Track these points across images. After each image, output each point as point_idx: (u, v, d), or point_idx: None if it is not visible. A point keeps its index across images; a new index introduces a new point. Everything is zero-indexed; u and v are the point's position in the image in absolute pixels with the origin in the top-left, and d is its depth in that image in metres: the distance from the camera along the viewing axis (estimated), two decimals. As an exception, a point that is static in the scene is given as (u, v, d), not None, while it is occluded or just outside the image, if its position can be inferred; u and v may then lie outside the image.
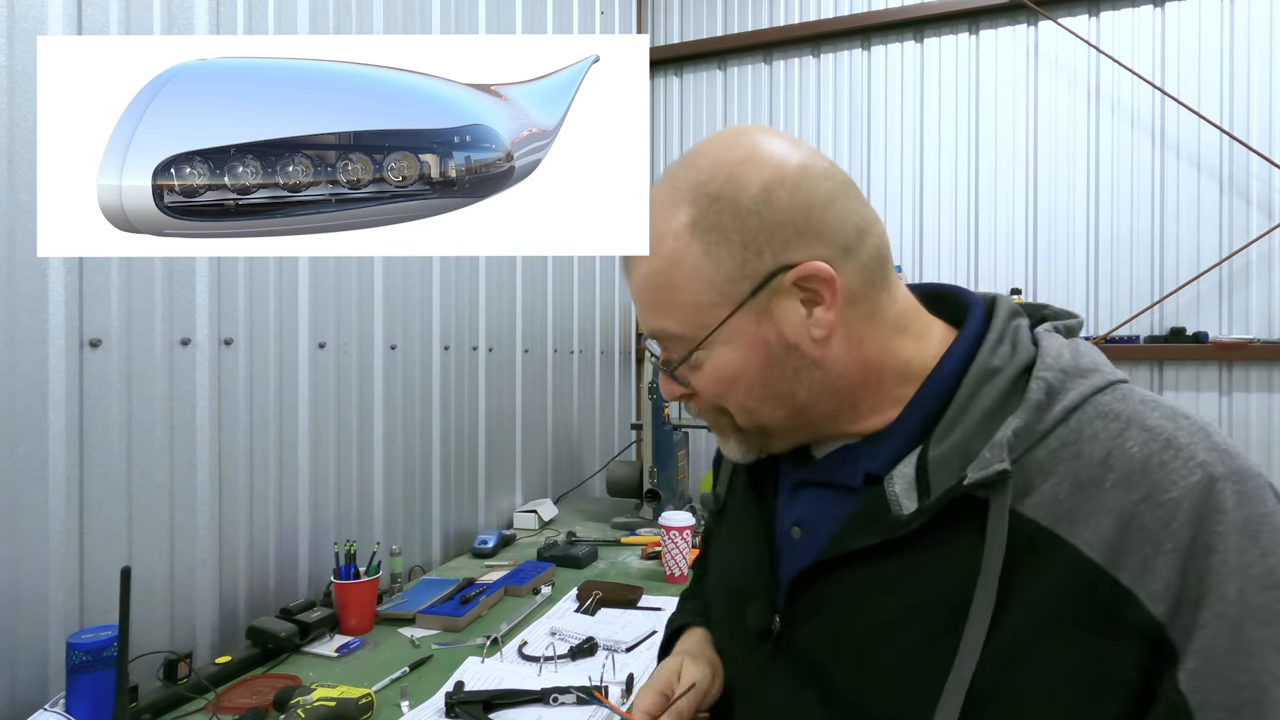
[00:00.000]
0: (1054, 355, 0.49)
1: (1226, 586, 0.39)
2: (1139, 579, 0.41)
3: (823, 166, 0.52)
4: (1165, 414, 0.45)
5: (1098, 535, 0.42)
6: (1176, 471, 0.42)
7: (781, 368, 0.52)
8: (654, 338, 0.57)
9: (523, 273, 2.24)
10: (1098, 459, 0.44)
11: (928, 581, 0.47)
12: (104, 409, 1.09)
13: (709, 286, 0.51)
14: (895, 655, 0.47)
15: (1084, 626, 0.41)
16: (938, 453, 0.48)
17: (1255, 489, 0.42)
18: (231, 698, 1.07)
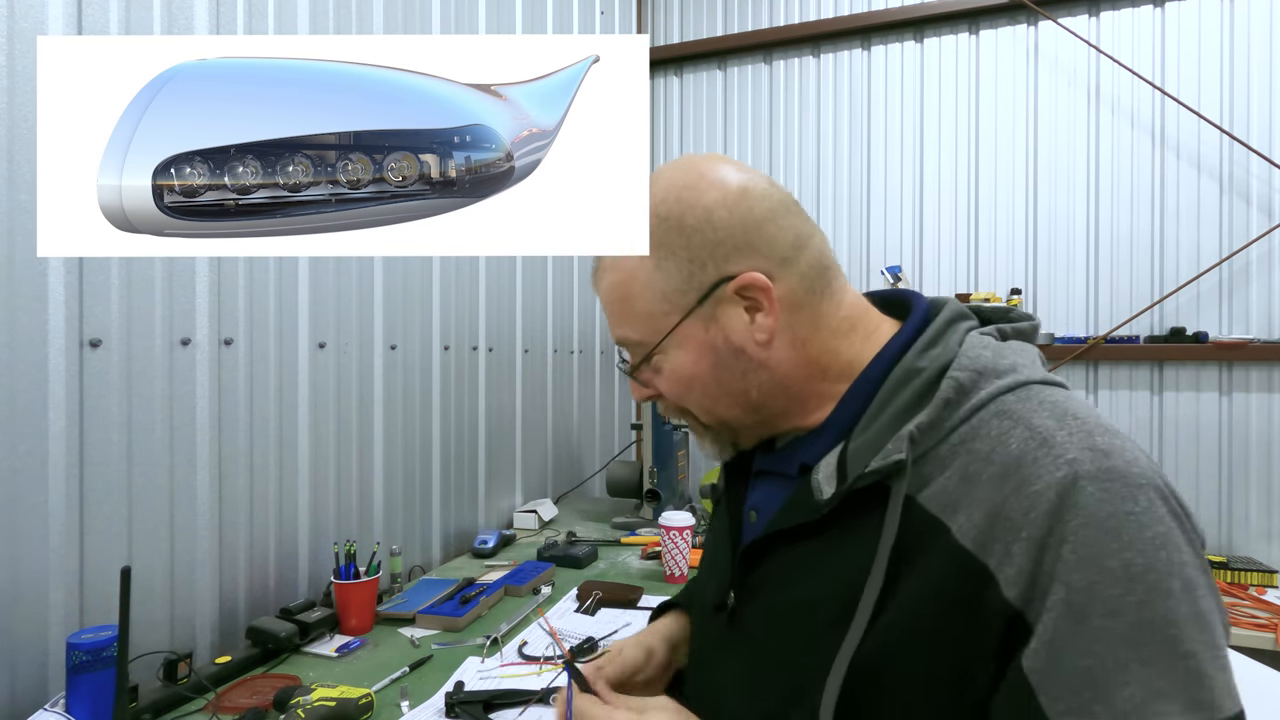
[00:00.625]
0: (971, 357, 0.52)
1: (1074, 576, 0.42)
2: (1000, 565, 0.44)
3: (762, 188, 0.58)
4: (1056, 415, 0.48)
5: (971, 523, 0.46)
6: (1044, 467, 0.45)
7: (730, 369, 0.58)
8: (619, 345, 0.64)
9: (523, 273, 2.24)
10: (983, 454, 0.48)
11: (839, 561, 0.51)
12: (104, 409, 1.09)
13: (660, 297, 0.58)
14: (811, 629, 0.52)
15: (957, 606, 0.45)
16: (855, 445, 0.52)
17: (1123, 489, 0.43)
18: (231, 698, 1.07)
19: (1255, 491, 2.22)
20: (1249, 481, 2.23)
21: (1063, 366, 2.43)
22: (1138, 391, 2.37)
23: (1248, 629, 1.74)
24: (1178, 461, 2.31)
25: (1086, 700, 0.41)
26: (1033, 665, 0.42)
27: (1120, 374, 2.39)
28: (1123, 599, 0.41)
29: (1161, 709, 0.40)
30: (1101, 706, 0.40)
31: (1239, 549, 2.23)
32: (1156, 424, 2.34)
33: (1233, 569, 2.02)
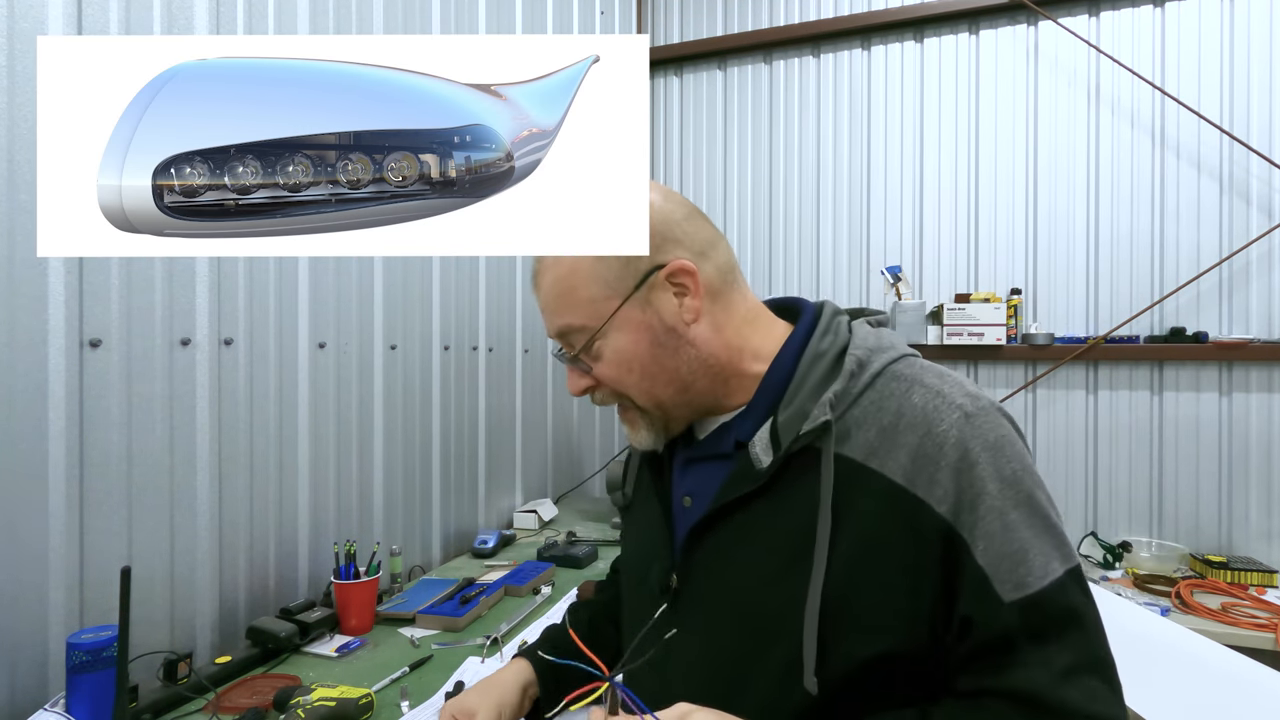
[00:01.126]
0: (861, 339, 0.65)
1: (989, 486, 0.56)
2: (929, 491, 0.56)
3: (678, 199, 0.69)
4: (935, 375, 0.63)
5: (898, 464, 0.58)
6: (943, 411, 0.59)
7: (664, 347, 0.66)
8: (560, 335, 0.69)
9: (523, 273, 2.24)
10: (893, 410, 0.60)
11: (786, 517, 0.61)
12: (104, 409, 1.09)
13: (602, 284, 0.65)
14: (768, 576, 0.61)
15: (898, 529, 0.57)
16: (784, 417, 0.62)
17: (995, 420, 0.59)
18: (231, 698, 1.07)
19: (1255, 491, 2.22)
20: (1249, 481, 2.23)
21: (1063, 366, 2.43)
22: (1138, 391, 2.37)
23: (1248, 629, 1.74)
24: (1178, 461, 2.31)
25: (1021, 575, 0.55)
26: (984, 561, 0.55)
27: (1120, 374, 2.39)
28: (1018, 495, 0.56)
29: (1054, 566, 0.56)
30: (1030, 577, 0.55)
31: (1239, 549, 2.23)
32: (1156, 424, 2.34)
33: (1233, 569, 2.02)
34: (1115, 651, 0.58)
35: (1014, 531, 0.56)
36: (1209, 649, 1.25)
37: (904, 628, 0.57)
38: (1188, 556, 2.15)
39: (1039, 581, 0.55)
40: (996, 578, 0.55)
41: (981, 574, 0.55)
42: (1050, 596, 0.55)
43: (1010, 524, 0.56)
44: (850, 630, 0.57)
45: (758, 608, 0.61)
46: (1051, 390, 2.46)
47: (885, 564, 0.56)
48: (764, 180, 2.86)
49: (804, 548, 0.59)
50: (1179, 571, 2.09)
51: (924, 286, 2.65)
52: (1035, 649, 0.54)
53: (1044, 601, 0.55)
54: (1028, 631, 0.55)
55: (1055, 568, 0.56)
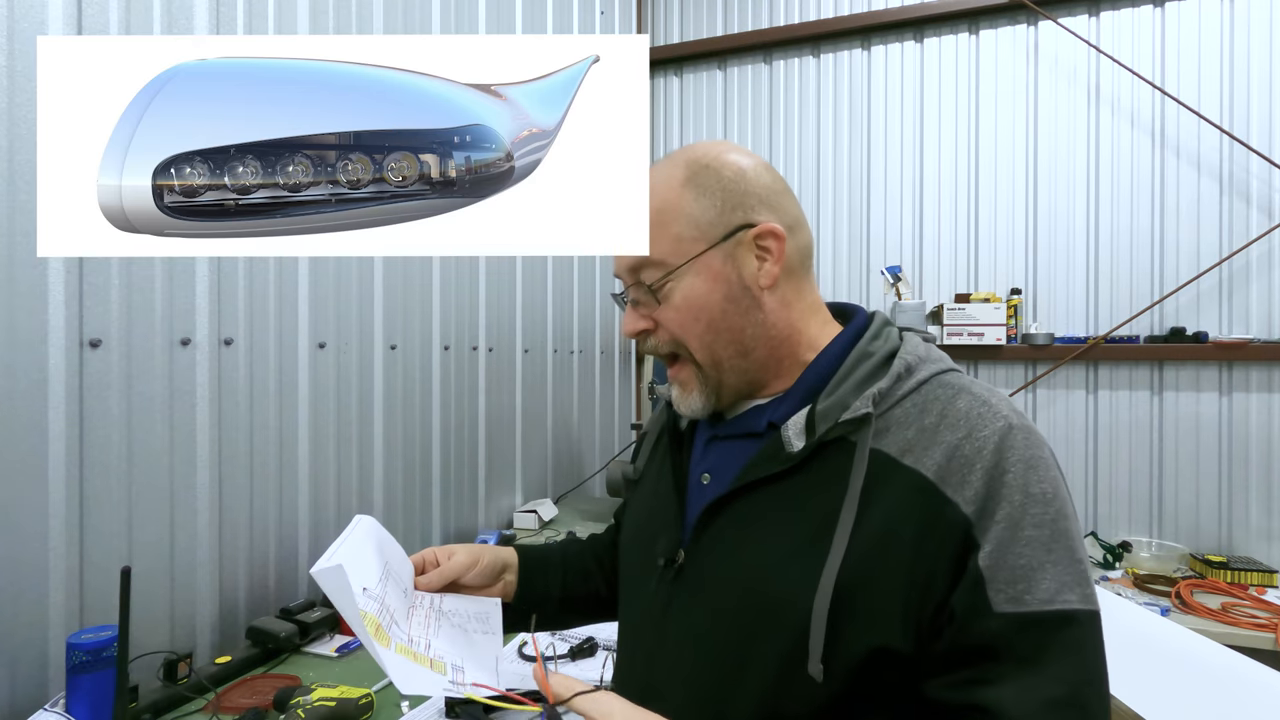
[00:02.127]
0: (912, 347, 0.66)
1: (1014, 496, 0.56)
2: (958, 490, 0.56)
3: (778, 175, 0.70)
4: (984, 388, 0.63)
5: (932, 461, 0.58)
6: (988, 419, 0.59)
7: (736, 303, 0.66)
8: (633, 270, 0.68)
9: (523, 273, 2.25)
10: (936, 412, 0.61)
11: (809, 500, 0.61)
12: (104, 409, 1.09)
13: (693, 224, 0.65)
14: (781, 558, 0.61)
15: (921, 523, 0.56)
16: (823, 406, 0.63)
17: (1037, 440, 0.59)
18: (231, 698, 1.07)
19: (1255, 491, 2.22)
20: (1249, 481, 2.23)
21: (1063, 366, 2.43)
22: (1138, 391, 2.37)
23: (1248, 629, 1.74)
24: (1178, 461, 2.31)
25: (1020, 591, 0.54)
26: (986, 564, 0.54)
27: (1120, 374, 2.39)
28: (1043, 516, 0.55)
29: (1067, 597, 0.54)
30: (1030, 596, 0.54)
31: (1239, 549, 2.23)
32: (1156, 424, 2.34)
33: (1233, 569, 2.02)
34: (1115, 652, 0.57)
35: (1026, 546, 0.54)
36: (1209, 649, 1.25)
37: (910, 624, 0.56)
38: (1188, 556, 2.15)
39: (1041, 604, 0.53)
40: (993, 584, 0.54)
41: (979, 575, 0.54)
42: (1051, 623, 0.53)
43: (1025, 539, 0.55)
44: (858, 619, 0.56)
45: (767, 588, 0.61)
46: (1051, 390, 2.46)
47: (902, 557, 0.56)
48: (764, 180, 2.86)
49: (821, 533, 0.59)
50: (1179, 571, 2.09)
51: (924, 286, 2.65)
52: (1019, 671, 0.53)
53: (1042, 625, 0.53)
54: (1015, 651, 0.53)
55: (1068, 599, 0.54)
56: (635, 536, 0.78)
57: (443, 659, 0.65)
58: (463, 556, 0.78)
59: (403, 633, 0.65)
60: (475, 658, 0.68)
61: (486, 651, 0.71)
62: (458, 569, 0.77)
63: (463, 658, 0.67)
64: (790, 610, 0.58)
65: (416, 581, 0.75)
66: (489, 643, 0.73)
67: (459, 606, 0.75)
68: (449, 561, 0.77)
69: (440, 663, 0.64)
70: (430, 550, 0.79)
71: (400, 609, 0.67)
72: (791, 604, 0.58)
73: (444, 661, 0.64)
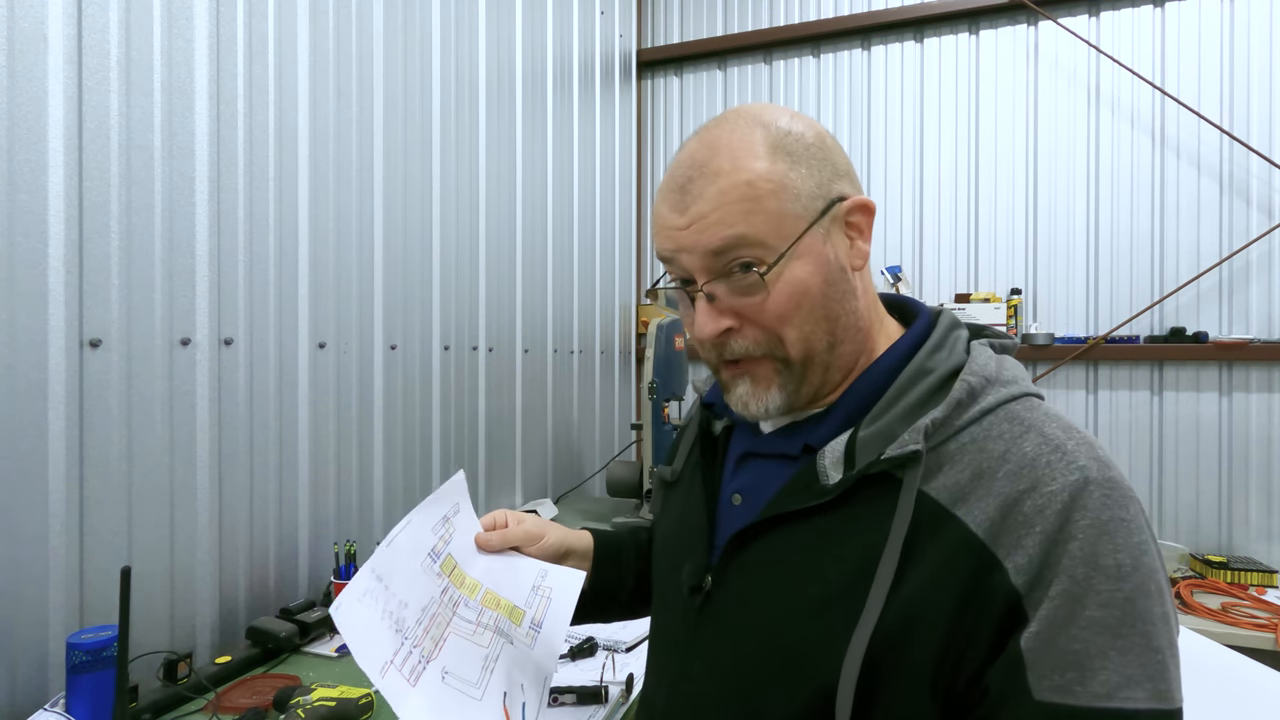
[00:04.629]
0: (980, 364, 0.55)
1: (1078, 569, 0.46)
2: (1010, 554, 0.48)
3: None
4: (1061, 426, 0.52)
5: (985, 515, 0.49)
6: (1059, 470, 0.49)
7: (835, 287, 0.57)
8: (720, 252, 0.55)
9: (523, 273, 2.25)
10: (998, 454, 0.51)
11: (844, 542, 0.53)
12: (104, 409, 1.09)
13: (795, 198, 0.55)
14: (812, 604, 0.54)
15: (964, 589, 0.48)
16: (866, 434, 0.54)
17: (1120, 497, 0.48)
18: (231, 698, 1.07)
19: (1255, 491, 2.22)
20: (1249, 481, 2.23)
21: (1063, 366, 2.43)
22: (1138, 391, 2.37)
23: (1248, 629, 1.74)
24: (1178, 461, 2.31)
25: (1069, 680, 0.45)
26: (1029, 645, 0.46)
27: (1120, 374, 2.39)
28: (1113, 594, 0.46)
29: (1131, 694, 0.44)
30: (1081, 687, 0.45)
31: (1239, 549, 2.23)
32: (1156, 424, 2.34)
33: (1233, 569, 2.02)
34: None
35: (1081, 629, 0.45)
36: (1209, 649, 1.25)
37: (939, 698, 0.49)
38: (1188, 556, 2.15)
39: (1095, 700, 0.44)
40: (1034, 667, 0.45)
41: (1018, 656, 0.46)
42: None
43: (1082, 620, 0.45)
44: (886, 687, 0.50)
45: (792, 637, 0.54)
46: (1051, 390, 2.46)
47: (941, 622, 0.49)
48: (764, 180, 2.86)
49: (855, 586, 0.51)
50: (1179, 571, 2.09)
51: (924, 286, 2.65)
52: None
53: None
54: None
55: (1133, 696, 0.44)
56: (665, 549, 0.72)
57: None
58: (530, 526, 0.75)
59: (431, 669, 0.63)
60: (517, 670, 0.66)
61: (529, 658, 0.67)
62: (519, 536, 0.74)
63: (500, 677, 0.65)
64: (814, 666, 0.52)
65: (478, 539, 0.73)
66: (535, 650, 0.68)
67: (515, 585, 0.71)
68: (514, 527, 0.75)
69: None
70: (503, 511, 0.77)
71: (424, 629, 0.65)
72: (815, 660, 0.52)
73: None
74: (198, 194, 1.23)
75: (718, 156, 0.55)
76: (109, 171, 1.09)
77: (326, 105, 1.49)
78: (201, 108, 1.23)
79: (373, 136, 1.62)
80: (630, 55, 3.03)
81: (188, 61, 1.21)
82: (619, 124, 2.92)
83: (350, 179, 1.56)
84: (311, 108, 1.45)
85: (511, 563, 0.73)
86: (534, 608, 0.68)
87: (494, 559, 0.73)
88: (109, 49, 1.09)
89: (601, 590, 0.78)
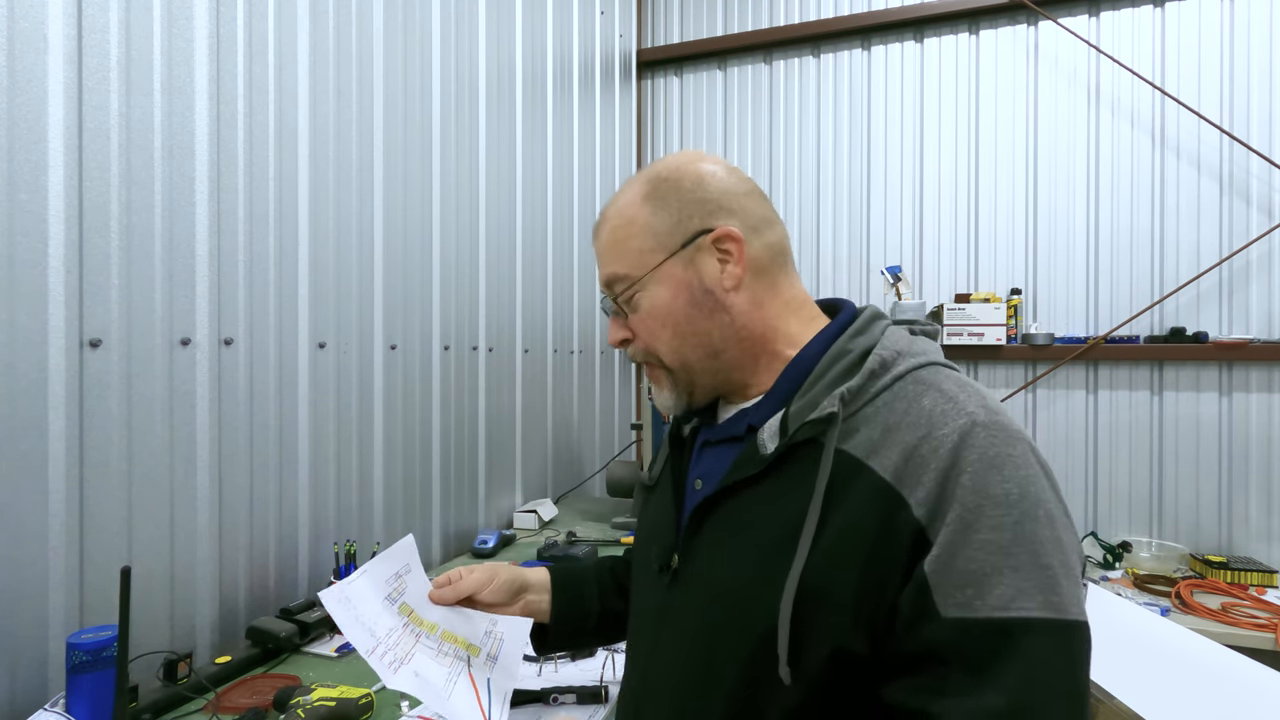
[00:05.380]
0: (891, 341, 0.65)
1: (968, 498, 0.53)
2: (912, 491, 0.55)
3: (744, 177, 0.72)
4: (958, 384, 0.61)
5: (890, 462, 0.57)
6: (950, 417, 0.57)
7: (700, 308, 0.68)
8: (607, 284, 0.72)
9: (523, 273, 2.25)
10: (901, 410, 0.59)
11: (781, 501, 0.61)
12: (104, 409, 1.09)
13: (652, 236, 0.68)
14: (756, 562, 0.61)
15: (877, 526, 0.55)
16: (796, 407, 0.63)
17: (1007, 437, 0.56)
18: (231, 698, 1.07)
19: (1255, 491, 2.22)
20: (1249, 481, 2.23)
21: (1063, 366, 2.43)
22: (1138, 391, 2.37)
23: (1248, 629, 1.74)
24: (1178, 461, 2.31)
25: (969, 597, 0.51)
26: (932, 568, 0.53)
27: (1120, 374, 2.39)
28: (1002, 519, 0.53)
29: (1024, 604, 0.51)
30: (980, 601, 0.51)
31: (1239, 549, 2.23)
32: (1156, 424, 2.35)
33: (1233, 569, 2.02)
34: (1115, 652, 0.56)
35: (976, 550, 0.52)
36: (1209, 649, 1.25)
37: (864, 626, 0.55)
38: (1188, 556, 2.15)
39: (991, 611, 0.51)
40: (939, 588, 0.52)
41: (923, 579, 0.52)
42: (1001, 631, 0.50)
43: (975, 542, 0.52)
44: (818, 622, 0.56)
45: (743, 592, 0.62)
46: (1051, 390, 2.47)
47: (859, 560, 0.55)
48: (764, 180, 2.87)
49: (789, 536, 0.59)
50: (1179, 571, 2.09)
51: (924, 286, 2.65)
52: (965, 678, 0.51)
53: (991, 632, 0.51)
54: (963, 658, 0.51)
55: (1026, 606, 0.51)
56: (641, 542, 0.80)
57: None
58: (480, 574, 0.81)
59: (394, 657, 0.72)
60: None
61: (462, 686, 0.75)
62: (470, 586, 0.80)
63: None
64: (758, 613, 0.59)
65: (431, 595, 0.79)
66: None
67: (461, 627, 0.79)
68: (466, 578, 0.81)
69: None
70: (455, 569, 0.82)
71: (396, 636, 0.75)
72: (760, 607, 0.59)
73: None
74: (198, 194, 1.23)
75: (612, 205, 0.72)
76: (109, 171, 1.09)
77: (326, 105, 1.49)
78: (201, 108, 1.23)
79: (373, 136, 1.62)
80: (630, 55, 3.03)
81: (188, 61, 1.21)
82: (619, 124, 2.92)
83: (350, 179, 1.56)
84: (311, 108, 1.45)
85: (464, 614, 0.79)
86: (488, 646, 0.77)
87: (447, 611, 0.79)
88: (109, 49, 1.09)
89: (566, 619, 0.85)
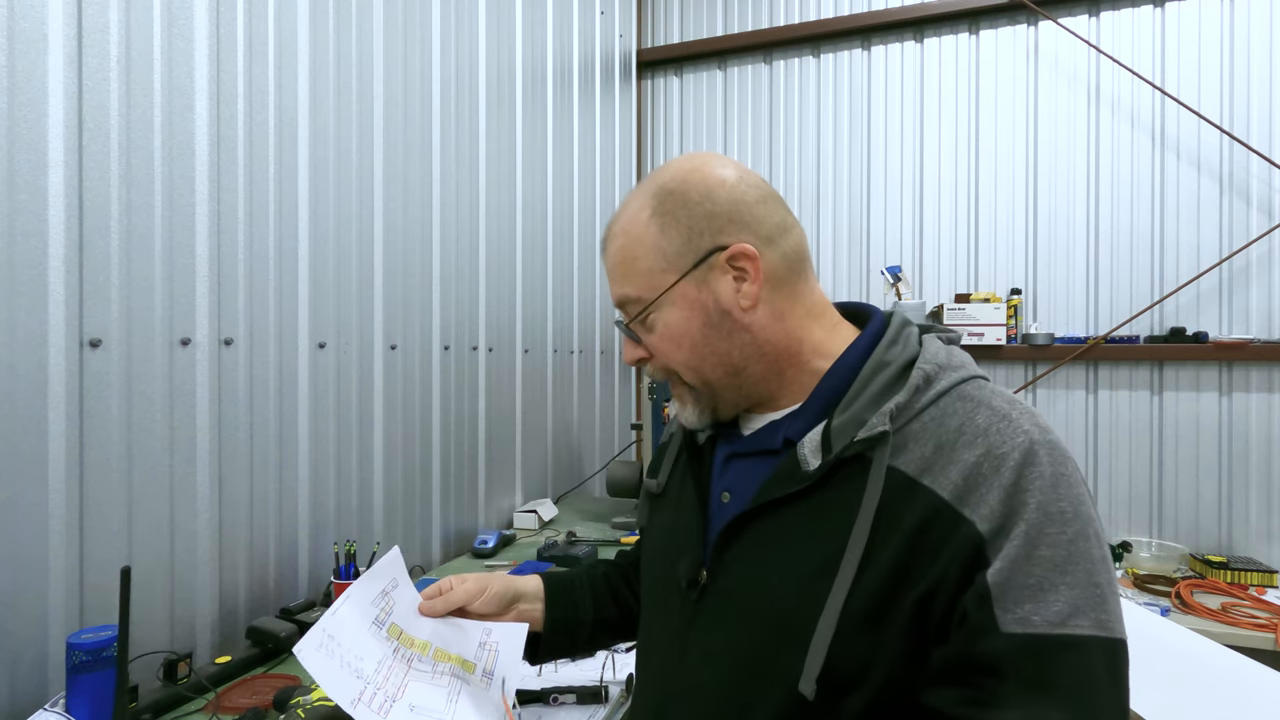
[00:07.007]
0: (932, 353, 0.63)
1: (1032, 515, 0.54)
2: (975, 509, 0.55)
3: (755, 179, 0.68)
4: (1006, 400, 0.61)
5: (949, 481, 0.56)
6: (1007, 435, 0.57)
7: (717, 329, 0.65)
8: (619, 304, 0.70)
9: (523, 272, 2.25)
10: (954, 428, 0.59)
11: (823, 523, 0.60)
12: (104, 409, 1.09)
13: (661, 257, 0.65)
14: (799, 581, 0.60)
15: (934, 547, 0.55)
16: (838, 422, 0.61)
17: (1060, 456, 0.56)
18: (231, 698, 1.07)
19: (1255, 491, 2.22)
20: (1249, 481, 2.23)
21: (1063, 366, 2.43)
22: (1138, 391, 2.37)
23: (1248, 629, 1.74)
24: (1178, 461, 2.31)
25: (1027, 611, 0.52)
26: (995, 579, 0.53)
27: (1120, 374, 2.39)
28: (1058, 536, 0.53)
29: (1078, 621, 0.52)
30: (1038, 617, 0.52)
31: (1239, 549, 2.23)
32: (1156, 424, 2.35)
33: (1233, 569, 2.02)
34: None
35: (1035, 566, 0.52)
36: (1209, 649, 1.25)
37: (915, 649, 0.55)
38: (1188, 556, 2.15)
39: (1050, 627, 0.51)
40: (1000, 601, 0.52)
41: (985, 590, 0.52)
42: (1057, 648, 0.51)
43: (1037, 558, 0.53)
44: (868, 648, 0.55)
45: (786, 611, 0.60)
46: (1052, 390, 2.47)
47: (914, 580, 0.55)
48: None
49: (836, 553, 0.57)
50: (1179, 571, 2.09)
51: (924, 286, 2.65)
52: (1021, 694, 0.51)
53: (1048, 649, 0.51)
54: (1019, 674, 0.51)
55: (1080, 624, 0.51)
56: (657, 553, 0.77)
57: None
58: (471, 584, 0.80)
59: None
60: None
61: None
62: (461, 597, 0.78)
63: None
64: (801, 634, 0.57)
65: (421, 607, 0.77)
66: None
67: (455, 640, 0.76)
68: (457, 589, 0.79)
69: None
70: (446, 579, 0.81)
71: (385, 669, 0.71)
72: (806, 630, 0.57)
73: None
74: (198, 194, 1.23)
75: (618, 220, 0.69)
76: (109, 171, 1.09)
77: (326, 105, 1.49)
78: (201, 108, 1.23)
79: (373, 136, 1.62)
80: (630, 55, 3.03)
81: (188, 61, 1.21)
82: (619, 124, 2.92)
83: (350, 179, 1.56)
84: (311, 108, 1.45)
85: (456, 625, 0.77)
86: (483, 660, 0.75)
87: (439, 624, 0.77)
88: (109, 49, 1.09)
89: (560, 627, 0.84)
